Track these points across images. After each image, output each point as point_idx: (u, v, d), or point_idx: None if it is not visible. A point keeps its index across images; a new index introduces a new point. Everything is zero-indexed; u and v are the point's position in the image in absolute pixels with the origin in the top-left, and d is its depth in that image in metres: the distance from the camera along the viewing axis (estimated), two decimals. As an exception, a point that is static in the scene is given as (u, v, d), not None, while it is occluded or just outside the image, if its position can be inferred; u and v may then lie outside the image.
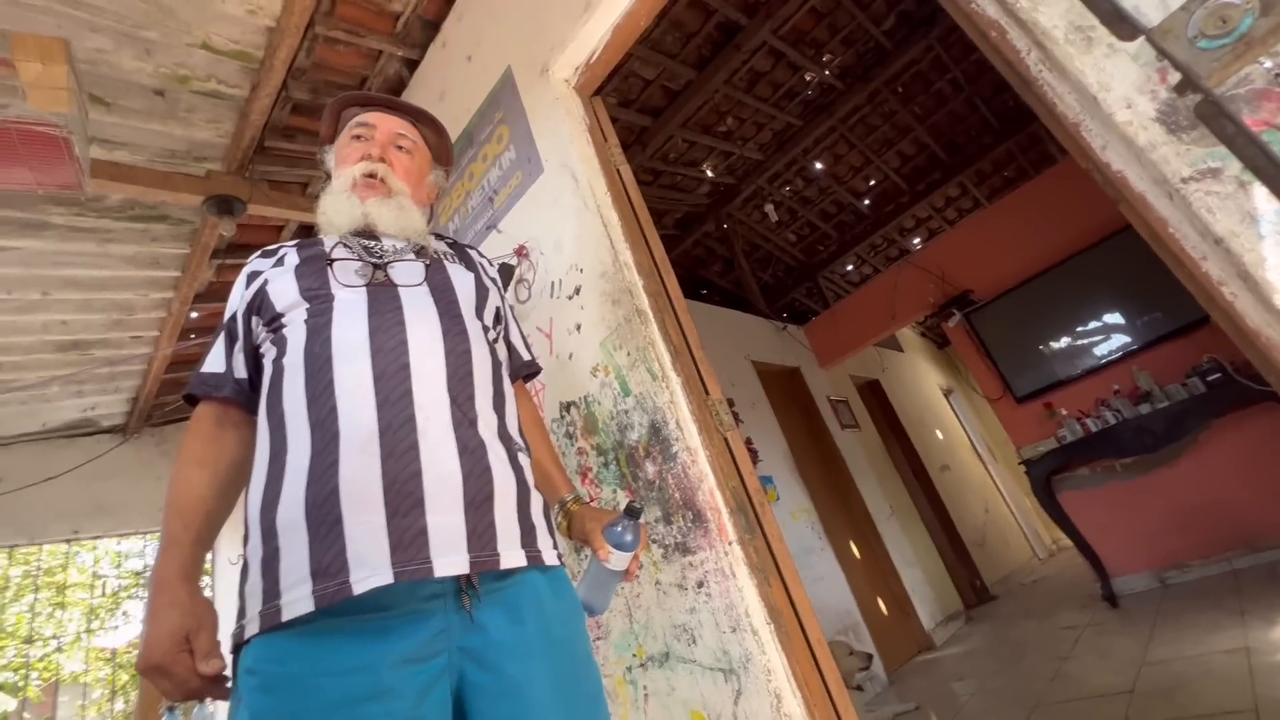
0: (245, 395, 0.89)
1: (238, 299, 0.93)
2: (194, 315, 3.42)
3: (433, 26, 2.41)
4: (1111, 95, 0.88)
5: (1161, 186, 0.86)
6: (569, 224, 1.72)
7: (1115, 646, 2.76)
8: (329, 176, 1.05)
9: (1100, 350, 3.84)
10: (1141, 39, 0.80)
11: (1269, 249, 0.76)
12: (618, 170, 1.76)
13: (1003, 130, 5.03)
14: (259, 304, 0.89)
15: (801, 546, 3.74)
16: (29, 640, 7.71)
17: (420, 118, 1.12)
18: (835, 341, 5.27)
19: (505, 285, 1.93)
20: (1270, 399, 2.94)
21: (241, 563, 0.79)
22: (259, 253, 0.98)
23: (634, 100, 3.71)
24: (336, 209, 0.96)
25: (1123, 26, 0.70)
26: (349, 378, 0.79)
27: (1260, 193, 0.76)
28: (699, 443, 1.37)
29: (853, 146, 4.99)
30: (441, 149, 1.15)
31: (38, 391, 3.40)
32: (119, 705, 7.85)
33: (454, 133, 2.21)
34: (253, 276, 0.93)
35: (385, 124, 1.05)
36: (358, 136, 1.03)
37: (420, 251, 0.99)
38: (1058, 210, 3.94)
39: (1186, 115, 0.81)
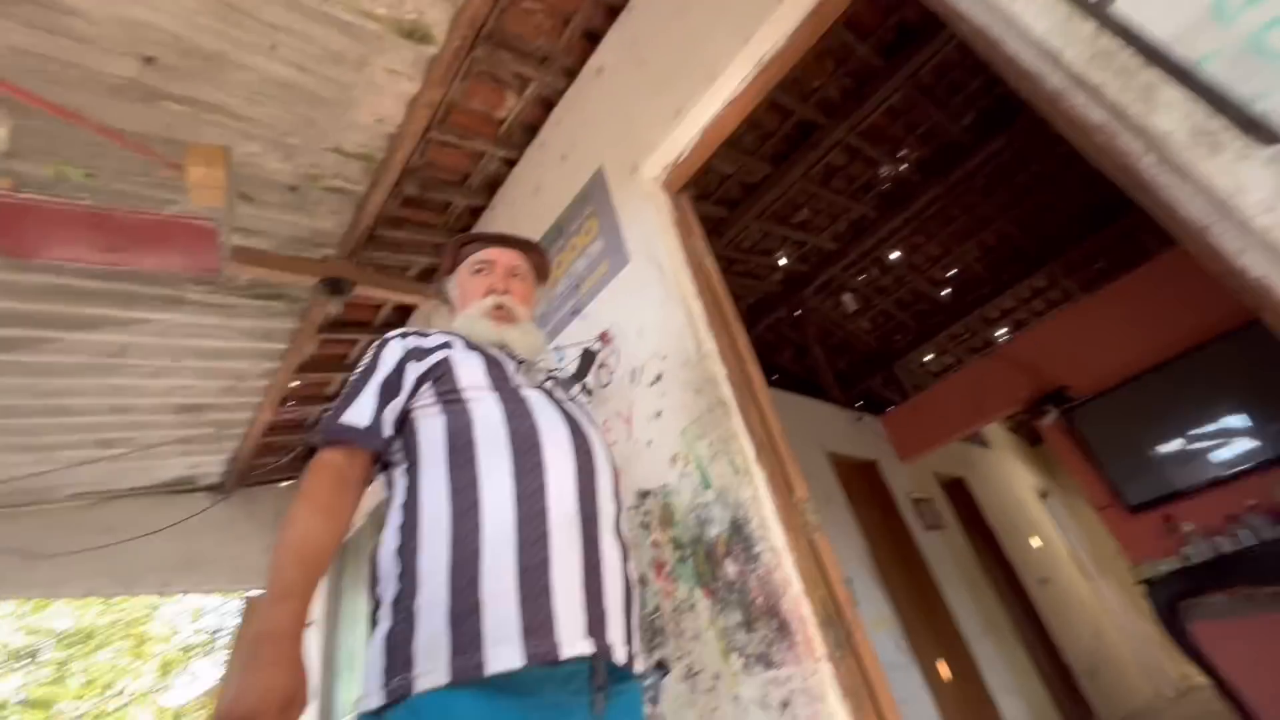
0: (384, 453, 0.94)
1: (392, 362, 0.97)
2: (294, 384, 3.68)
3: (531, 130, 2.64)
4: (1249, 199, 0.83)
5: (1317, 296, 0.78)
6: (652, 312, 1.75)
7: (1281, 823, 2.28)
8: (449, 300, 1.28)
9: (1224, 457, 3.44)
10: (1278, 145, 0.76)
11: None
12: (702, 261, 1.80)
13: (1092, 222, 4.86)
14: (440, 373, 0.96)
15: (884, 662, 3.39)
16: (106, 690, 7.96)
17: (526, 247, 1.30)
18: (916, 434, 5.00)
19: (586, 370, 1.97)
20: None
21: (399, 617, 0.77)
22: (411, 330, 1.06)
23: (711, 193, 3.86)
24: (477, 329, 1.12)
25: (1258, 132, 0.66)
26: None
27: None
28: (784, 544, 1.30)
29: (931, 237, 4.95)
30: (542, 267, 1.35)
31: (154, 449, 3.69)
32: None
33: (545, 224, 2.35)
34: (420, 350, 1.00)
35: (503, 258, 1.23)
36: (479, 270, 1.21)
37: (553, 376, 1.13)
38: (1165, 304, 3.69)
39: (1342, 222, 0.75)
